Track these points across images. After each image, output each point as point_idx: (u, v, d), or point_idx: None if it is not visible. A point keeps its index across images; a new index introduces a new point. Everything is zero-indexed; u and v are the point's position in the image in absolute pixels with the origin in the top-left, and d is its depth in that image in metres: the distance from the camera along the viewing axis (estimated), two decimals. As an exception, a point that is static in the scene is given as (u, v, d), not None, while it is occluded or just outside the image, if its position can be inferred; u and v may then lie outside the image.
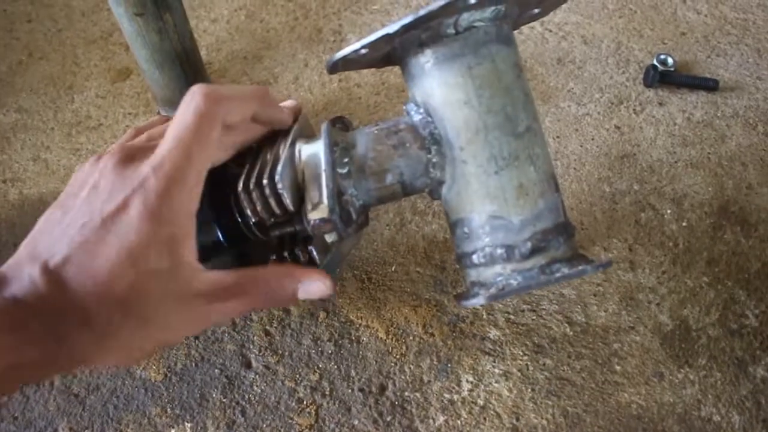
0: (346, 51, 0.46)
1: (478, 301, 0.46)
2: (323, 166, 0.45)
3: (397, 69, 0.51)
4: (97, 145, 0.78)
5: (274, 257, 0.49)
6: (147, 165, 0.38)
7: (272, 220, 0.46)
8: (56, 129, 0.80)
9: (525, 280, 0.45)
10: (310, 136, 0.50)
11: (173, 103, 0.74)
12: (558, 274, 0.45)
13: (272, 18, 0.91)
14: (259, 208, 0.46)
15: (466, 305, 0.48)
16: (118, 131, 0.79)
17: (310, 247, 0.48)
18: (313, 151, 0.46)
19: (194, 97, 0.41)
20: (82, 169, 0.41)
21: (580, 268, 0.45)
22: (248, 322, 0.63)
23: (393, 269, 0.67)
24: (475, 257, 0.47)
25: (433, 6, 0.41)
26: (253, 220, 0.48)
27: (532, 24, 0.86)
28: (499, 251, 0.46)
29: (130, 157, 0.39)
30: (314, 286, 0.44)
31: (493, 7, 0.44)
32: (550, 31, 0.88)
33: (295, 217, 0.46)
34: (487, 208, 0.45)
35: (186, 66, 0.70)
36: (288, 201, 0.45)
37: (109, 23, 0.90)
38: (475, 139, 0.45)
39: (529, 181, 0.45)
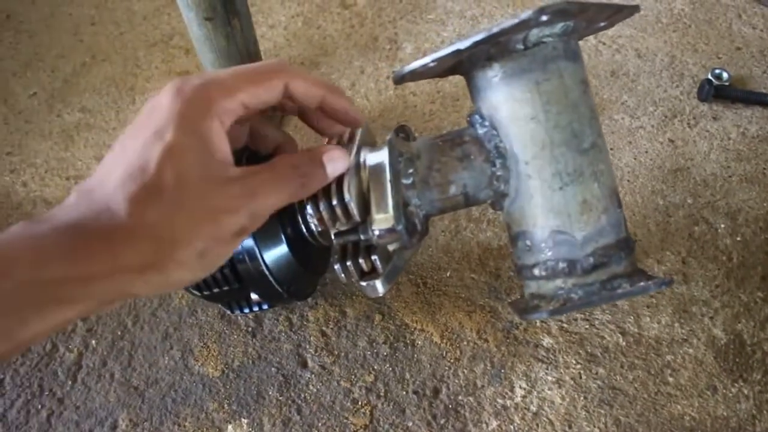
0: (415, 65, 0.46)
1: (540, 315, 0.46)
2: (388, 176, 0.45)
3: (453, 78, 0.51)
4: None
5: (337, 266, 0.49)
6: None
7: (336, 228, 0.47)
8: (118, 128, 0.82)
9: (586, 295, 0.45)
10: (372, 143, 0.51)
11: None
12: (620, 291, 0.45)
13: (329, 25, 0.92)
14: (326, 217, 0.47)
15: (528, 318, 0.48)
16: (178, 133, 0.81)
17: (374, 257, 0.48)
18: (378, 160, 0.46)
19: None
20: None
21: (642, 284, 0.45)
22: (305, 323, 0.65)
23: (448, 275, 0.67)
24: (536, 270, 0.47)
25: (506, 24, 0.42)
26: (319, 229, 0.49)
27: (586, 37, 0.86)
28: (561, 265, 0.46)
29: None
30: (335, 154, 0.45)
31: (562, 23, 0.45)
32: (604, 43, 0.88)
33: (360, 226, 0.47)
34: (550, 223, 0.46)
35: (248, 71, 0.71)
36: (355, 211, 0.46)
37: (170, 27, 0.93)
38: (540, 154, 0.45)
39: (593, 197, 0.46)
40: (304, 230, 0.53)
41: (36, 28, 0.95)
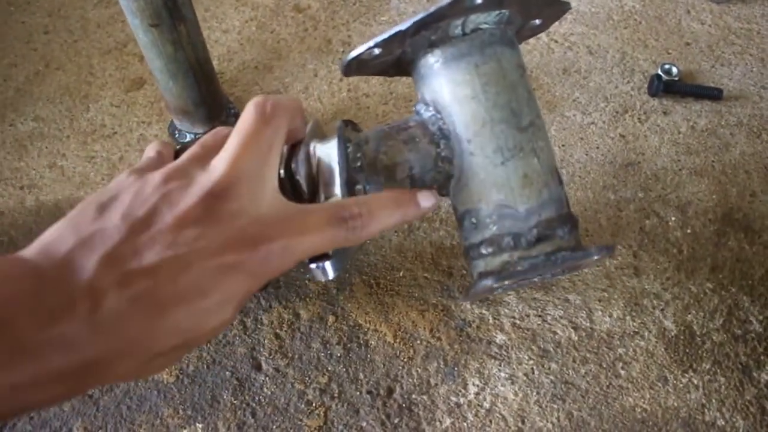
0: (360, 50, 0.48)
1: (485, 282, 0.47)
2: (337, 158, 0.47)
3: (405, 80, 0.53)
4: (111, 152, 0.79)
5: None
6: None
7: None
8: (72, 137, 0.82)
9: (531, 267, 0.47)
10: (322, 137, 0.52)
11: (186, 113, 0.76)
12: (561, 255, 0.47)
13: (282, 29, 0.92)
14: None
15: (475, 291, 0.49)
16: (132, 140, 0.81)
17: None
18: (327, 147, 0.48)
19: (257, 105, 0.41)
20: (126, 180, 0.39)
21: (584, 251, 0.47)
22: (259, 326, 0.65)
23: (401, 275, 0.68)
24: (482, 248, 0.49)
25: (443, 2, 0.44)
26: None
27: (537, 35, 0.87)
28: (507, 239, 0.48)
29: (184, 170, 0.38)
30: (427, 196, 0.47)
31: (497, 11, 0.47)
32: (556, 41, 0.89)
33: None
34: (494, 198, 0.48)
35: (199, 76, 0.71)
36: (304, 189, 0.46)
37: (124, 34, 0.92)
38: (481, 131, 0.47)
39: (534, 172, 0.48)
40: None
41: (-11, 37, 0.94)
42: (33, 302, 0.30)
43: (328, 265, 0.50)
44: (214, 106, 0.77)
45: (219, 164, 0.37)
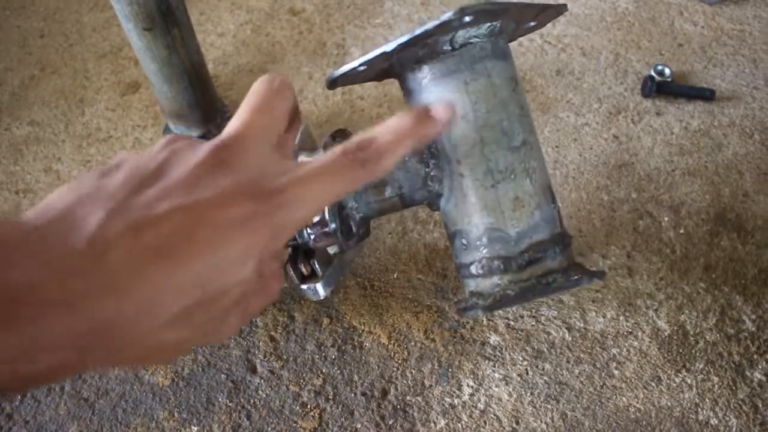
0: (344, 69, 0.47)
1: (475, 312, 0.47)
2: None
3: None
4: (107, 156, 0.80)
5: None
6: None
7: None
8: (67, 141, 0.82)
9: (521, 291, 0.46)
10: (312, 148, 0.51)
11: (181, 116, 0.76)
12: (554, 285, 0.46)
13: (277, 32, 0.93)
14: None
15: (465, 316, 0.49)
16: (127, 143, 0.81)
17: (313, 260, 0.49)
18: None
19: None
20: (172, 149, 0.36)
21: (575, 278, 0.47)
22: (254, 328, 0.65)
23: (395, 276, 0.68)
24: (473, 268, 0.48)
25: (429, 25, 0.42)
26: None
27: (531, 36, 0.88)
28: (497, 263, 0.47)
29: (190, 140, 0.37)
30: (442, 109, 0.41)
31: (488, 24, 0.45)
32: (550, 43, 0.89)
33: (298, 232, 0.48)
34: (484, 221, 0.47)
35: (194, 79, 0.72)
36: None
37: (119, 38, 0.93)
38: (471, 152, 0.46)
39: (525, 194, 0.47)
40: None
41: (-16, 42, 0.94)
42: (29, 261, 0.27)
43: (318, 285, 0.50)
44: (208, 109, 0.77)
45: (229, 127, 0.36)
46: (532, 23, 0.53)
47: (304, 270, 0.50)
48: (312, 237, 0.46)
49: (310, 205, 0.35)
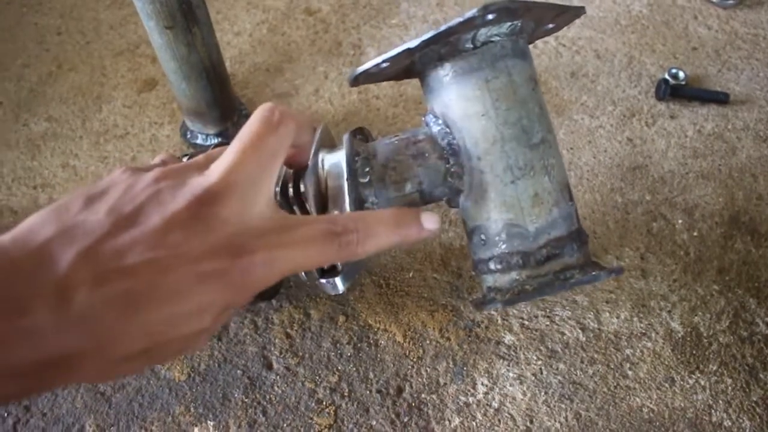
0: (368, 65, 0.48)
1: (494, 305, 0.47)
2: (345, 175, 0.47)
3: (415, 81, 0.52)
4: (123, 153, 0.80)
5: None
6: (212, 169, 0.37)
7: None
8: (84, 137, 0.83)
9: (540, 286, 0.47)
10: (331, 146, 0.52)
11: (198, 114, 0.76)
12: (572, 280, 0.47)
13: (293, 32, 0.93)
14: None
15: (484, 310, 0.49)
16: (144, 140, 0.82)
17: None
18: (336, 160, 0.48)
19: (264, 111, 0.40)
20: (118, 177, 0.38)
21: (593, 274, 0.47)
22: (270, 325, 0.65)
23: (410, 275, 0.69)
24: (491, 264, 0.48)
25: (453, 22, 0.43)
26: None
27: (546, 39, 0.88)
28: (515, 258, 0.47)
29: (180, 172, 0.37)
30: (432, 219, 0.43)
31: (509, 23, 0.46)
32: (564, 45, 0.90)
33: None
34: (503, 216, 0.47)
35: (212, 78, 0.72)
36: (312, 209, 0.47)
37: (136, 36, 0.93)
38: (492, 149, 0.47)
39: (544, 191, 0.47)
40: None
41: (1, 37, 0.95)
42: (2, 292, 0.29)
43: (338, 280, 0.50)
44: (226, 107, 0.77)
45: (215, 168, 0.36)
46: (551, 25, 0.53)
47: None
48: None
49: (279, 269, 0.36)
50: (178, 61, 0.69)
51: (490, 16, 0.43)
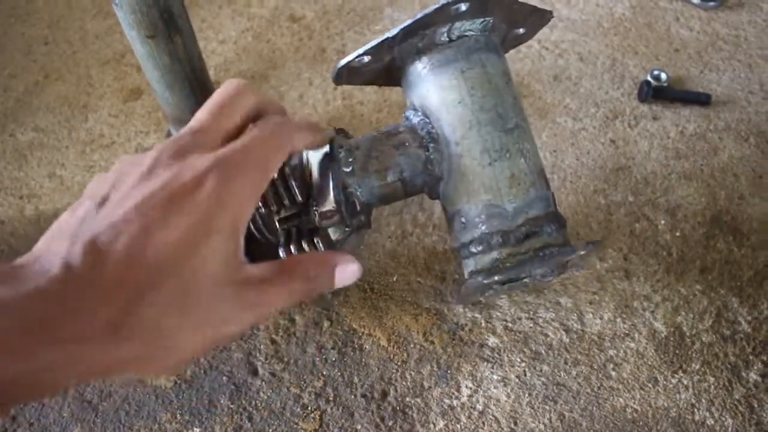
0: (350, 57, 0.50)
1: (474, 282, 0.49)
2: (329, 163, 0.48)
3: (399, 88, 0.55)
4: (110, 162, 0.81)
5: (281, 251, 0.51)
6: (212, 155, 0.36)
7: (281, 214, 0.49)
8: (71, 147, 0.83)
9: (519, 263, 0.48)
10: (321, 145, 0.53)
11: (183, 122, 0.76)
12: (551, 257, 0.48)
13: (278, 39, 0.94)
14: (270, 199, 0.49)
15: (467, 287, 0.50)
16: (130, 149, 0.82)
17: (317, 239, 0.50)
18: (320, 153, 0.49)
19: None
20: (121, 161, 0.38)
21: (571, 247, 0.49)
22: (255, 331, 0.66)
23: (395, 279, 0.69)
24: (472, 246, 0.50)
25: (428, 9, 0.46)
26: (262, 210, 0.51)
27: (529, 43, 0.88)
28: (495, 237, 0.49)
29: (185, 150, 0.37)
30: (349, 269, 0.41)
31: (482, 18, 0.49)
32: (547, 48, 0.90)
33: (303, 210, 0.49)
34: (482, 198, 0.49)
35: (195, 86, 0.72)
36: (297, 192, 0.48)
37: (122, 45, 0.94)
38: (469, 134, 0.49)
39: (521, 172, 0.50)
40: (250, 224, 0.54)
41: (-11, 49, 0.95)
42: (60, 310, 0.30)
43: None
44: (210, 115, 0.78)
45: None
46: (521, 30, 0.55)
47: (307, 249, 0.51)
48: (318, 214, 0.48)
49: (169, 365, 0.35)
50: (160, 70, 0.69)
51: (463, 6, 0.46)
